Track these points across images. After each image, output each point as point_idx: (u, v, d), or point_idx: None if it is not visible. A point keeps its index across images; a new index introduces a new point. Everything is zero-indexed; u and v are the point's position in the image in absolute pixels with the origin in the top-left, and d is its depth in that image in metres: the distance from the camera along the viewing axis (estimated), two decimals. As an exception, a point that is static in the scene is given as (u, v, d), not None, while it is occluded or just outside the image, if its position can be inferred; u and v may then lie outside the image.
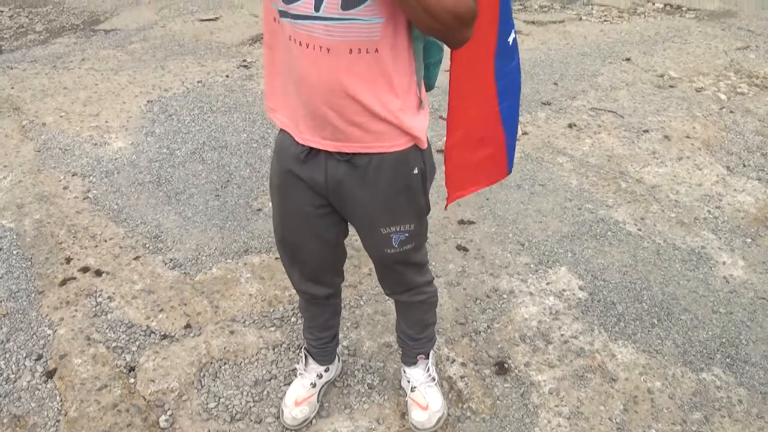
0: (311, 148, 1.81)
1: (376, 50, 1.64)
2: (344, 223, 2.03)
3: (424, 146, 1.85)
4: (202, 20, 6.52)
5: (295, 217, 1.99)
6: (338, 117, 1.71)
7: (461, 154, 2.12)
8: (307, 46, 1.63)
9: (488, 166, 2.19)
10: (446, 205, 2.27)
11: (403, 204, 1.91)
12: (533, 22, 6.66)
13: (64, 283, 3.04)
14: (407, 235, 1.97)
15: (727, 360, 2.71)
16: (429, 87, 2.00)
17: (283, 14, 1.66)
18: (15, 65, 5.45)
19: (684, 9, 7.19)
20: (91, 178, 3.88)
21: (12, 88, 5.02)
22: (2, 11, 6.78)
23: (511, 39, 2.00)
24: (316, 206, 1.94)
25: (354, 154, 1.79)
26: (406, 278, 2.14)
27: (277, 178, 1.96)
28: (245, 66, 5.54)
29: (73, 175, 3.90)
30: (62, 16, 6.69)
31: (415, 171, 1.86)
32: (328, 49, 1.62)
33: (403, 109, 1.75)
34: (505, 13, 1.92)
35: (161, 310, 2.89)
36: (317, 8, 1.58)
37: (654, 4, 7.33)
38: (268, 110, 1.92)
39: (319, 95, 1.69)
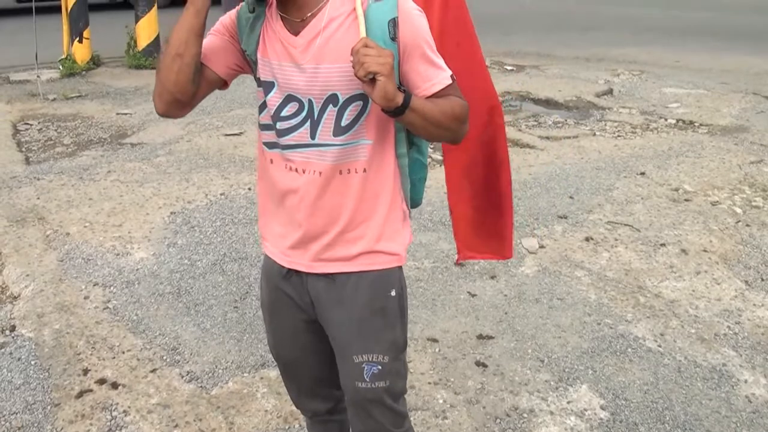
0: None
1: (364, 170, 1.78)
2: None
3: (403, 263, 1.91)
4: (227, 135, 6.72)
5: (287, 334, 2.03)
6: (327, 235, 1.82)
7: (466, 211, 2.36)
8: (303, 172, 1.78)
9: (495, 239, 2.41)
10: (457, 260, 2.42)
11: (378, 329, 1.89)
12: (548, 138, 6.81)
13: (80, 395, 3.03)
14: (380, 368, 1.89)
15: (756, 485, 2.63)
16: (415, 203, 2.08)
17: (273, 146, 1.81)
18: (42, 176, 5.61)
19: (696, 124, 7.33)
20: (112, 288, 3.92)
21: (38, 198, 5.16)
22: (31, 125, 7.03)
23: None
24: (305, 321, 1.98)
25: (335, 273, 1.87)
26: (379, 426, 1.98)
27: (267, 296, 2.03)
28: (266, 178, 5.65)
29: (94, 285, 3.95)
30: (90, 130, 6.93)
31: (393, 293, 1.89)
32: (320, 173, 1.76)
33: (388, 224, 1.85)
34: None
35: (176, 425, 2.86)
36: (313, 136, 1.74)
37: (666, 119, 7.48)
38: (261, 238, 2.01)
39: (312, 217, 1.80)
